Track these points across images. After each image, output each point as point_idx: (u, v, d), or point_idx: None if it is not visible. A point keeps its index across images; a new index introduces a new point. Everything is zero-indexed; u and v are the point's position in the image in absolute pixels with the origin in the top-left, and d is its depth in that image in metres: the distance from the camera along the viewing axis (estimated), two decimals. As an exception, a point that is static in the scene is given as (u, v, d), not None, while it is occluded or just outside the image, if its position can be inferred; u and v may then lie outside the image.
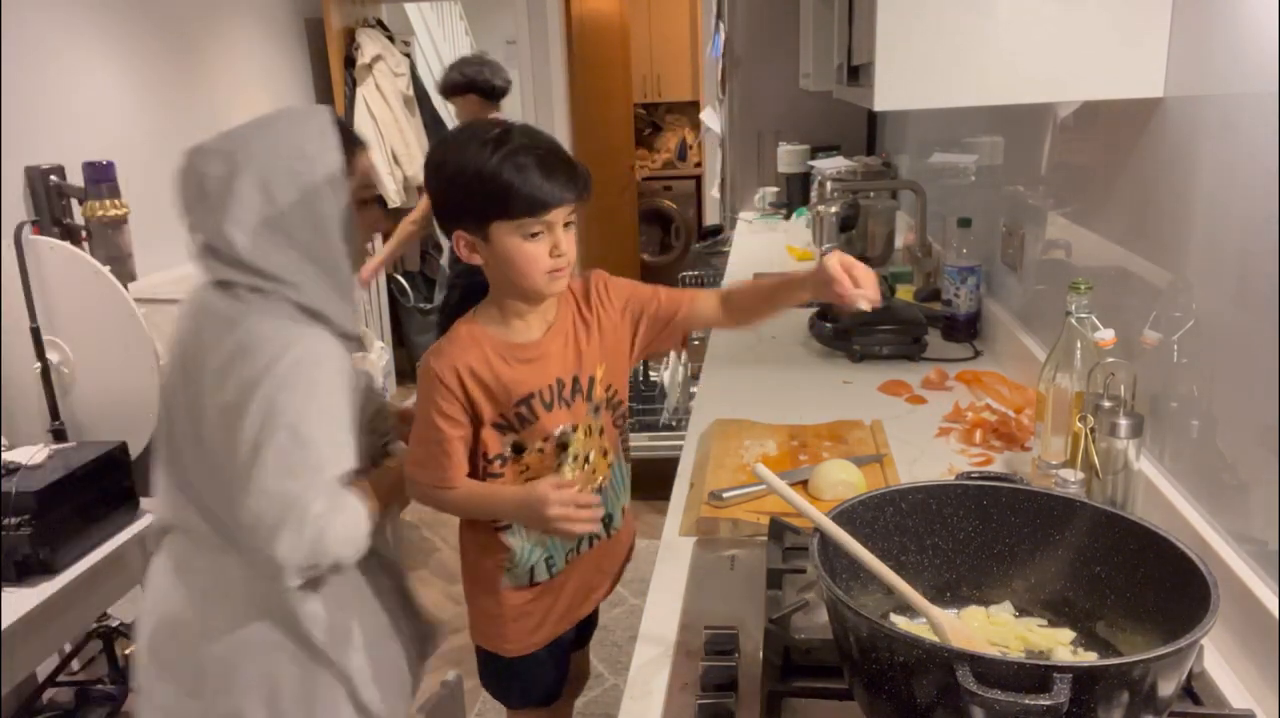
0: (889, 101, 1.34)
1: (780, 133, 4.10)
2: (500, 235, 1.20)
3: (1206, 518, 1.15)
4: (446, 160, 1.22)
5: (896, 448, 1.62)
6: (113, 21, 3.20)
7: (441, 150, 1.24)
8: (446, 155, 1.23)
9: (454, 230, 1.23)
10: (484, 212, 1.20)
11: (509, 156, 1.17)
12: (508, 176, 1.16)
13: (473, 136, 1.21)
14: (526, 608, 1.39)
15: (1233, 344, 1.10)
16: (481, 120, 1.22)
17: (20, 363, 2.32)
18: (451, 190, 1.22)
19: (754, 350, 2.28)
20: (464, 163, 1.19)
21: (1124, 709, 0.75)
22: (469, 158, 1.18)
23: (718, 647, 1.08)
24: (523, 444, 1.31)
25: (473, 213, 1.21)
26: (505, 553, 1.35)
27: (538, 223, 1.20)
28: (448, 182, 1.22)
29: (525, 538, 1.35)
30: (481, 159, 1.17)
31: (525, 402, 1.28)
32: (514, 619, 1.39)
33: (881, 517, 1.03)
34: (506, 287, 1.27)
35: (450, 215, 1.24)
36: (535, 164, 1.18)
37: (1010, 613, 1.03)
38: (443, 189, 1.23)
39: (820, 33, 2.83)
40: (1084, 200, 1.61)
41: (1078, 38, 1.26)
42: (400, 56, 4.80)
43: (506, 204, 1.18)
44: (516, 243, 1.20)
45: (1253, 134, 1.04)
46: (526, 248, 1.20)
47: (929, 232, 2.78)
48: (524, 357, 1.29)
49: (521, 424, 1.29)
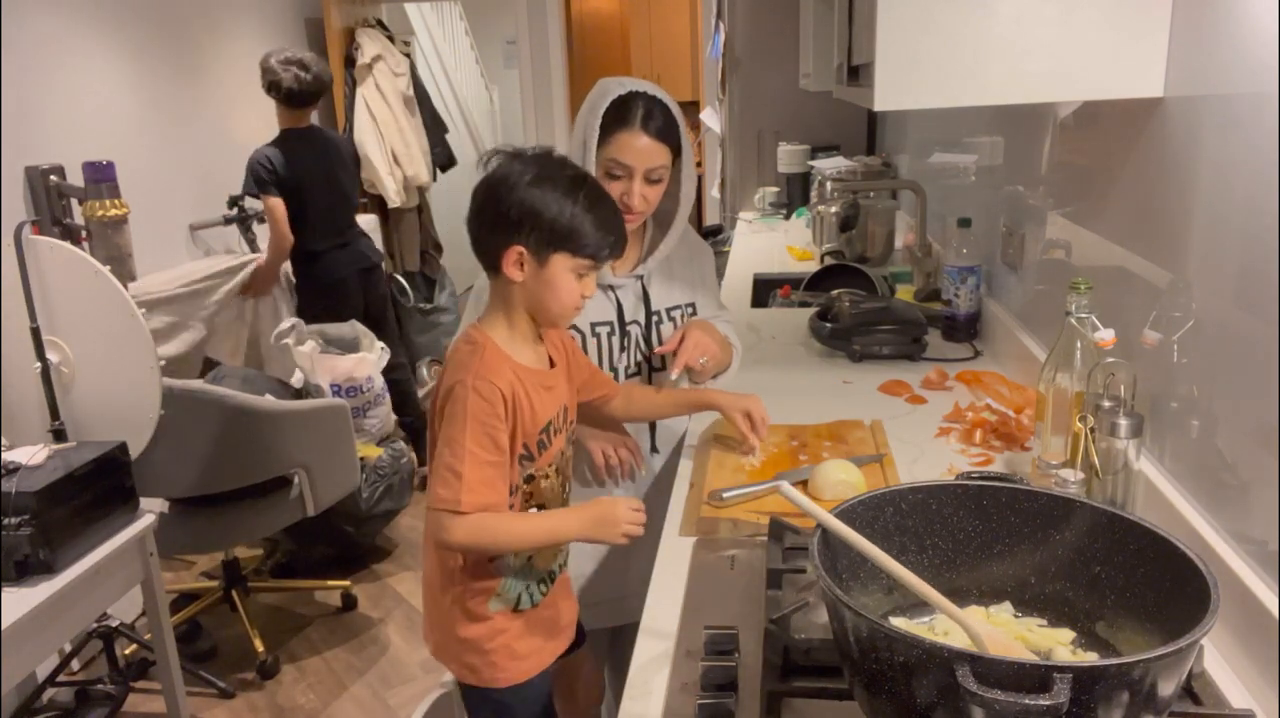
0: (889, 101, 1.34)
1: (780, 133, 4.10)
2: (558, 265, 1.26)
3: (1206, 518, 1.15)
4: (527, 182, 1.25)
5: (896, 448, 1.62)
6: (113, 22, 3.20)
7: (521, 169, 1.26)
8: (527, 176, 1.25)
9: (511, 245, 1.25)
10: (555, 241, 1.25)
11: (596, 204, 1.27)
12: (592, 222, 1.25)
13: (561, 168, 1.28)
14: (517, 633, 1.37)
15: (1233, 344, 1.10)
16: (560, 155, 1.32)
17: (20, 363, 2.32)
18: (527, 209, 1.24)
19: (754, 350, 2.28)
20: (552, 191, 1.24)
21: (1124, 709, 0.75)
22: (559, 188, 1.25)
23: (718, 647, 1.08)
24: (533, 473, 1.33)
25: (544, 237, 1.24)
26: (495, 582, 1.35)
27: (590, 268, 1.29)
28: (527, 201, 1.24)
29: (515, 576, 1.35)
30: (573, 194, 1.25)
31: (546, 429, 1.32)
32: (504, 646, 1.37)
33: (881, 517, 1.03)
34: (533, 308, 1.31)
35: (513, 230, 1.25)
36: (612, 218, 1.29)
37: (1010, 613, 1.03)
38: (517, 204, 1.24)
39: (820, 33, 2.83)
40: (1084, 200, 1.61)
41: (1078, 38, 1.26)
42: (400, 56, 4.80)
43: (579, 243, 1.26)
44: (568, 277, 1.27)
45: (1253, 134, 1.04)
46: (573, 283, 1.28)
47: (929, 232, 2.78)
48: (546, 383, 1.33)
49: (540, 452, 1.32)
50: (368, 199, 4.68)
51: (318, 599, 3.20)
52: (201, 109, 3.69)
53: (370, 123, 4.55)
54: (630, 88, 1.51)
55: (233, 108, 3.90)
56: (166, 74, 3.49)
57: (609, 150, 1.51)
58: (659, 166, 1.52)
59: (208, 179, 3.66)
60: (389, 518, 3.38)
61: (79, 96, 3.02)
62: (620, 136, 1.50)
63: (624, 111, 1.50)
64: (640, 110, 1.50)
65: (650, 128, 1.50)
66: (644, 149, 1.50)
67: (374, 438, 3.52)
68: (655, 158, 1.51)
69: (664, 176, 1.55)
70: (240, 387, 2.82)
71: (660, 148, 1.51)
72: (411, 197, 4.83)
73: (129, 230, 2.80)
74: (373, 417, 3.54)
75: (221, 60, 3.84)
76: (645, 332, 1.65)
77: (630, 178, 1.51)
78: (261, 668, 2.78)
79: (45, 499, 1.81)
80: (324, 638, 2.99)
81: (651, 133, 1.50)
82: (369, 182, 4.60)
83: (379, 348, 3.53)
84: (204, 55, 3.72)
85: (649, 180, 1.52)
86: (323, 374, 3.32)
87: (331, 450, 2.72)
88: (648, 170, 1.51)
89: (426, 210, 5.11)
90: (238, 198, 3.63)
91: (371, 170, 4.55)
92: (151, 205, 3.24)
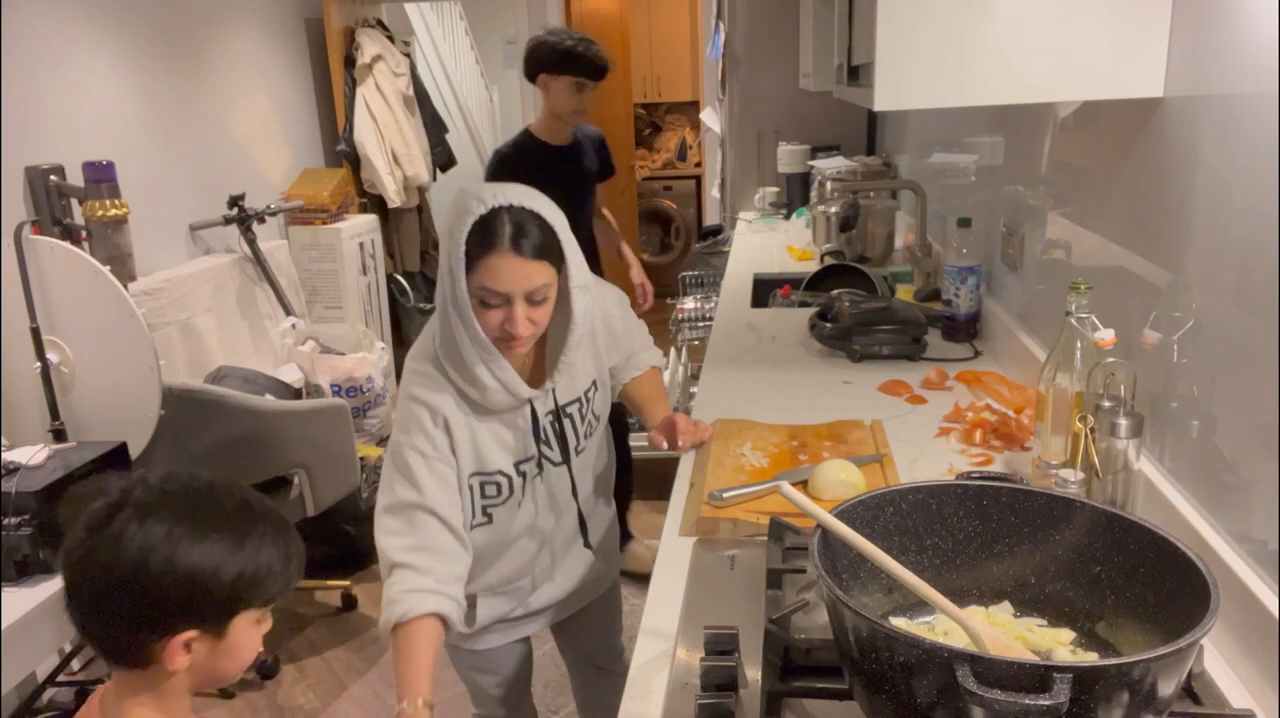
0: (889, 101, 1.34)
1: (780, 133, 4.10)
2: (240, 624, 1.04)
3: (1206, 518, 1.15)
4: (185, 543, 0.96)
5: (896, 448, 1.62)
6: (113, 22, 3.20)
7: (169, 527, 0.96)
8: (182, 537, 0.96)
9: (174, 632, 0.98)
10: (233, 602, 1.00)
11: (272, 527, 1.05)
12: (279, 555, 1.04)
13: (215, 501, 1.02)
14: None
15: (1233, 344, 1.10)
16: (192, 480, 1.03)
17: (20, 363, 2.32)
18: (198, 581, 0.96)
19: (754, 350, 2.28)
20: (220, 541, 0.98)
21: (1124, 709, 0.75)
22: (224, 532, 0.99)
23: (718, 647, 1.07)
24: None
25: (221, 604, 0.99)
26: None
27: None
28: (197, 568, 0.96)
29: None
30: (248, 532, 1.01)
31: None
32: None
33: (881, 517, 1.03)
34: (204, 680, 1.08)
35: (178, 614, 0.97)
36: (287, 533, 1.07)
37: (1010, 613, 1.03)
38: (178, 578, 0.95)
39: (820, 33, 2.83)
40: (1084, 200, 1.61)
41: (1078, 38, 1.26)
42: (400, 56, 4.80)
43: (267, 589, 1.04)
44: (252, 631, 1.05)
45: (1253, 134, 1.04)
46: (256, 636, 1.07)
47: (929, 232, 2.78)
48: None
49: None
50: (367, 199, 4.69)
51: (318, 599, 3.19)
52: (201, 109, 3.69)
53: (370, 123, 4.54)
54: (492, 203, 1.29)
55: (233, 108, 3.90)
56: (166, 74, 3.48)
57: (478, 278, 1.30)
58: (541, 286, 1.33)
59: (208, 179, 3.66)
60: (389, 518, 3.37)
61: (79, 96, 3.02)
62: (489, 262, 1.29)
63: (489, 234, 1.29)
64: (508, 229, 1.29)
65: (523, 247, 1.29)
66: (518, 273, 1.30)
67: (374, 438, 3.52)
68: (534, 277, 1.31)
69: (550, 294, 1.36)
70: (240, 387, 2.82)
71: (538, 266, 1.31)
72: (411, 197, 4.83)
73: (129, 230, 2.81)
74: (373, 417, 3.54)
75: (222, 60, 3.83)
76: (560, 423, 1.51)
77: (509, 303, 1.32)
78: (261, 668, 2.78)
79: (45, 499, 1.81)
80: (324, 638, 2.98)
81: (525, 253, 1.30)
82: (369, 181, 4.61)
83: (379, 348, 3.53)
84: (204, 55, 3.72)
85: (532, 302, 1.33)
86: (323, 374, 3.32)
87: (331, 450, 2.71)
88: (528, 294, 1.32)
89: (426, 210, 5.12)
90: (238, 198, 3.63)
91: (371, 170, 4.55)
92: (151, 205, 3.24)
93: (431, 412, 1.36)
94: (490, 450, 1.41)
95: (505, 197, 1.31)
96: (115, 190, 2.77)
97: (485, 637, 1.60)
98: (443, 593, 1.29)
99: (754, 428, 1.71)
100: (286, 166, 4.30)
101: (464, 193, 1.33)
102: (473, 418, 1.39)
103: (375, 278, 4.52)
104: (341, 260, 4.22)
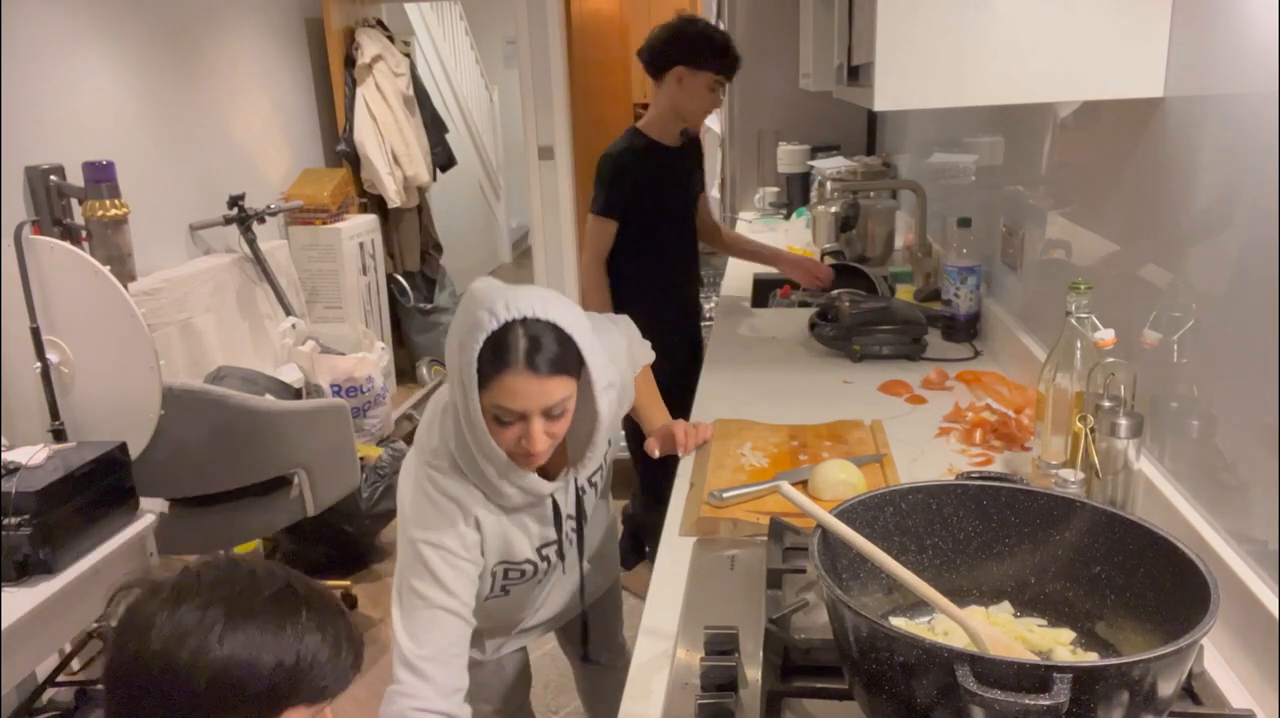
0: (889, 101, 1.34)
1: (780, 133, 4.10)
2: None
3: (1206, 518, 1.15)
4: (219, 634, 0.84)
5: (896, 448, 1.62)
6: (113, 21, 3.20)
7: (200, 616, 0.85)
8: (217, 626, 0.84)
9: None
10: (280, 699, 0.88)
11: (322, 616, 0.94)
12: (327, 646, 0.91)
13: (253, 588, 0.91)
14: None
15: (1233, 344, 1.10)
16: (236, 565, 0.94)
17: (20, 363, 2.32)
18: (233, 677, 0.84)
19: (754, 350, 2.28)
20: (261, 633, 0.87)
21: (1124, 709, 0.75)
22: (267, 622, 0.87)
23: (718, 647, 1.07)
24: None
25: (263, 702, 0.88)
26: None
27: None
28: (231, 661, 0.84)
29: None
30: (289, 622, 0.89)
31: None
32: None
33: (881, 517, 1.03)
34: None
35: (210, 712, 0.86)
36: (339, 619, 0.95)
37: (1010, 613, 1.03)
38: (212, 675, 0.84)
39: (820, 33, 2.82)
40: (1084, 200, 1.61)
41: (1078, 38, 1.26)
42: (400, 56, 4.80)
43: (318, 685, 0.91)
44: None
45: (1253, 134, 1.04)
46: None
47: (929, 232, 2.78)
48: None
49: None
50: (367, 199, 4.69)
51: (318, 599, 3.19)
52: (201, 109, 3.69)
53: (370, 123, 4.55)
54: (505, 317, 1.18)
55: (233, 108, 3.90)
56: (166, 74, 3.48)
57: (492, 396, 1.21)
58: (559, 401, 1.23)
59: (208, 179, 3.66)
60: (389, 518, 3.37)
61: (79, 97, 3.02)
62: (503, 381, 1.19)
63: (502, 351, 1.19)
64: (522, 344, 1.18)
65: (538, 364, 1.19)
66: (534, 391, 1.20)
67: (374, 438, 3.52)
68: (552, 393, 1.22)
69: (569, 406, 1.26)
70: (240, 387, 2.82)
71: (556, 382, 1.21)
72: (411, 197, 4.83)
73: (129, 230, 2.81)
74: (373, 417, 3.54)
75: (222, 60, 3.83)
76: (580, 500, 1.48)
77: (525, 420, 1.23)
78: (261, 668, 2.77)
79: (45, 499, 1.81)
80: (324, 638, 2.98)
81: (541, 370, 1.19)
82: (369, 181, 4.61)
83: (379, 348, 3.53)
84: (204, 55, 3.72)
85: (550, 417, 1.24)
86: (323, 374, 3.32)
87: (331, 450, 2.71)
88: (545, 409, 1.23)
89: (426, 210, 5.12)
90: (238, 198, 3.63)
91: (371, 170, 4.55)
92: (151, 205, 3.24)
93: (464, 511, 1.30)
94: (518, 542, 1.38)
95: (517, 307, 1.19)
96: (115, 190, 2.77)
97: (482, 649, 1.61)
98: (440, 712, 1.25)
99: (754, 428, 1.71)
100: (286, 166, 4.31)
101: (472, 301, 1.21)
102: (501, 516, 1.35)
103: (375, 278, 4.52)
104: (341, 260, 4.22)
